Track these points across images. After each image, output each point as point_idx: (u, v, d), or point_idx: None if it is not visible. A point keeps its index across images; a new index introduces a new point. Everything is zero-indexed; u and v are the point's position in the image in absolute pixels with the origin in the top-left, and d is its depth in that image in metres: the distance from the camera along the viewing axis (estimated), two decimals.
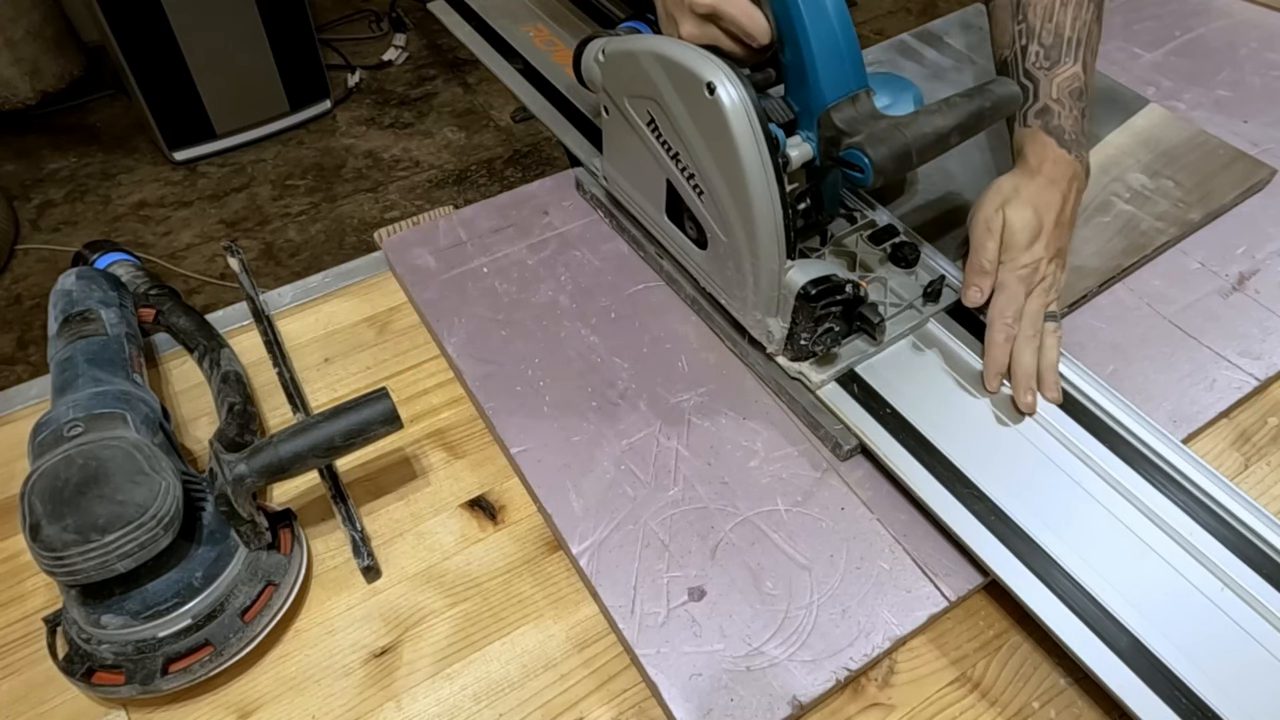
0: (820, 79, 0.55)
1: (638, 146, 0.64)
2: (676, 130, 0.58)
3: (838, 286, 0.58)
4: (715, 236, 0.60)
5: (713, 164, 0.56)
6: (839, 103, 0.56)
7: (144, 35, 1.97)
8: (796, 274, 0.57)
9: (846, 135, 0.55)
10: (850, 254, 0.69)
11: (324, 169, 2.26)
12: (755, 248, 0.57)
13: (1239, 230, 0.76)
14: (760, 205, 0.54)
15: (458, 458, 0.63)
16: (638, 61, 0.59)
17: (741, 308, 0.62)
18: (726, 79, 0.53)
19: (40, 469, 0.49)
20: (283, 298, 0.73)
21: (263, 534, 0.53)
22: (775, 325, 0.60)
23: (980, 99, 0.57)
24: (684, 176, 0.60)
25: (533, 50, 0.90)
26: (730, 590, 0.54)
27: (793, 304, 0.58)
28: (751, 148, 0.53)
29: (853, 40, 0.56)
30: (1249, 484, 0.61)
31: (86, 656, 0.49)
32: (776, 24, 0.56)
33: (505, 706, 0.51)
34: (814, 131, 0.57)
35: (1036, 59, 0.68)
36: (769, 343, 0.62)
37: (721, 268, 0.62)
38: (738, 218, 0.57)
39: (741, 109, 0.53)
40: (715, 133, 0.54)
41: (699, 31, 0.59)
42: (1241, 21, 1.01)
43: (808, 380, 0.61)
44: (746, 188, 0.54)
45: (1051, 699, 0.51)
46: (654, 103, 0.59)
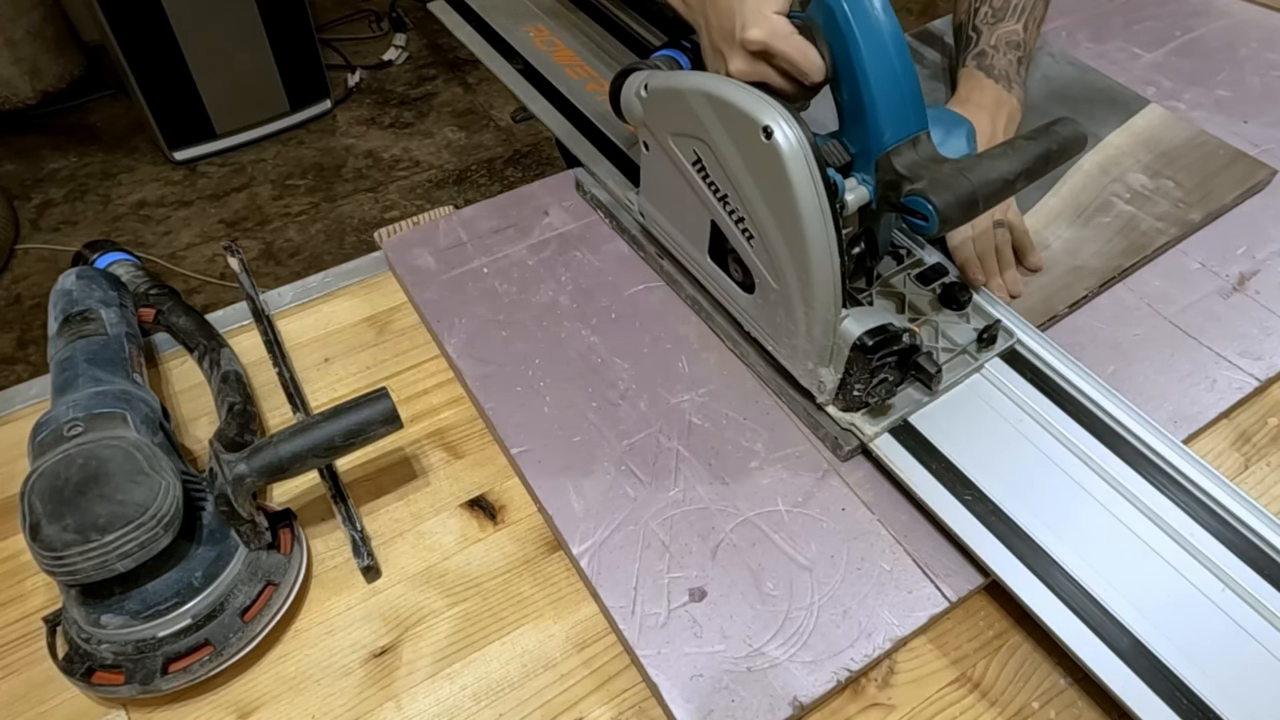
0: (880, 121, 0.53)
1: (680, 185, 0.61)
2: (726, 172, 0.55)
3: (894, 336, 0.55)
4: (765, 283, 0.57)
5: (766, 209, 0.54)
6: (898, 145, 0.53)
7: (144, 35, 1.97)
8: (852, 324, 0.54)
9: (907, 180, 0.53)
10: (899, 295, 0.66)
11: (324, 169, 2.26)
12: (810, 297, 0.54)
13: (1239, 230, 0.76)
14: (817, 254, 0.52)
15: (458, 458, 0.63)
16: (685, 100, 0.56)
17: (790, 356, 0.59)
18: (785, 122, 0.50)
19: (40, 469, 0.49)
20: (283, 298, 0.73)
21: (263, 534, 0.53)
22: (827, 375, 0.57)
23: (1046, 141, 0.54)
24: (732, 220, 0.57)
25: (533, 50, 0.90)
26: (731, 591, 0.54)
27: (847, 354, 0.55)
28: (810, 195, 0.50)
29: (914, 80, 0.53)
30: (1249, 484, 0.61)
31: (86, 656, 0.49)
32: (833, 62, 0.53)
33: (505, 706, 0.51)
34: (871, 174, 0.55)
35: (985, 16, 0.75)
36: (819, 393, 0.59)
37: (770, 314, 0.59)
38: (791, 265, 0.54)
39: (800, 154, 0.50)
40: (770, 178, 0.52)
41: (749, 68, 0.56)
42: (1241, 21, 1.01)
43: (860, 433, 0.58)
44: (804, 236, 0.51)
45: (1051, 699, 0.51)
46: (701, 143, 0.56)
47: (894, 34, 0.52)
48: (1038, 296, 0.69)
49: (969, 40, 0.76)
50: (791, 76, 0.56)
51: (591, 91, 0.85)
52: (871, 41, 0.51)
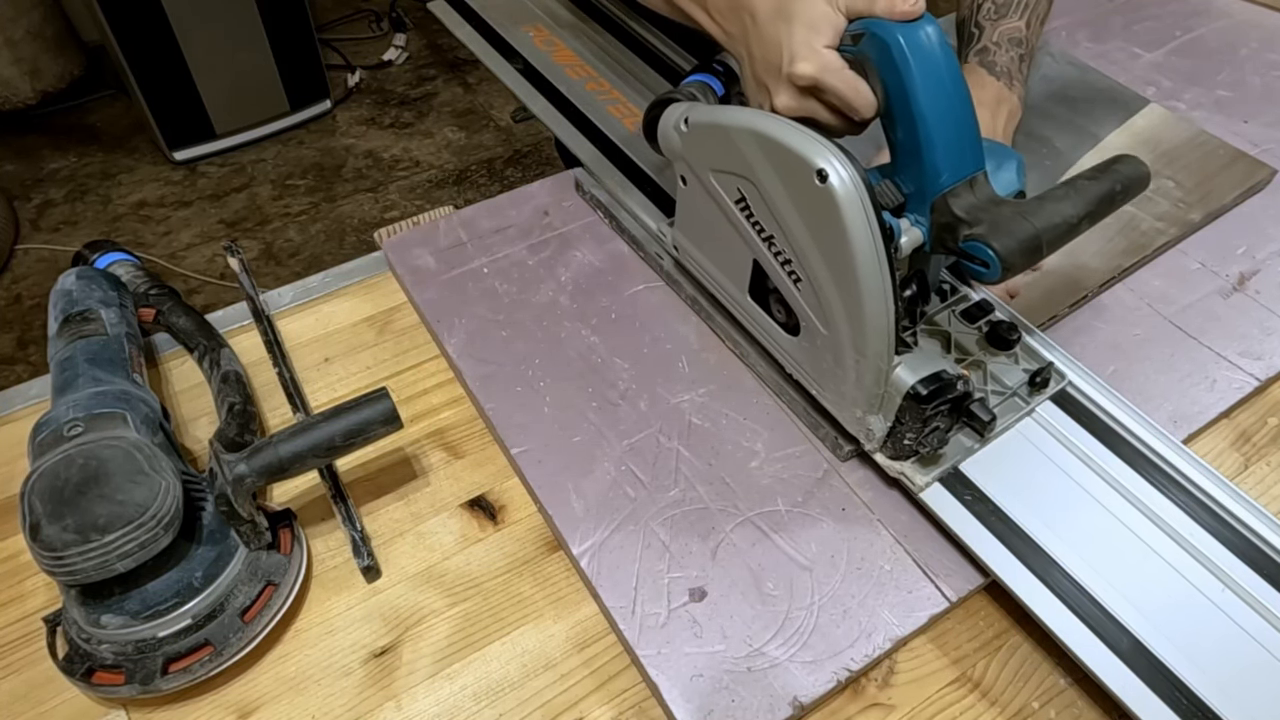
0: (938, 162, 0.51)
1: (720, 222, 0.59)
2: (773, 213, 0.53)
3: (949, 384, 0.52)
4: (811, 327, 0.55)
5: (816, 253, 0.51)
6: (956, 186, 0.51)
7: (144, 35, 1.98)
8: (905, 372, 0.52)
9: (966, 224, 0.50)
10: (944, 334, 0.63)
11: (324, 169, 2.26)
12: (862, 345, 0.52)
13: (1239, 230, 0.76)
14: (872, 302, 0.49)
15: (458, 458, 0.63)
16: (729, 137, 0.54)
17: (837, 402, 0.57)
18: (840, 165, 0.48)
19: (40, 469, 0.49)
20: (283, 298, 0.73)
21: (263, 534, 0.53)
22: (876, 424, 0.55)
23: (1109, 180, 0.52)
24: (778, 261, 0.55)
25: (533, 50, 0.90)
26: (731, 591, 0.54)
27: (899, 403, 0.53)
28: (866, 241, 0.48)
29: (972, 118, 0.51)
30: (1249, 484, 0.61)
31: (86, 656, 0.49)
32: (887, 100, 0.51)
33: (505, 706, 0.51)
34: (926, 216, 0.53)
35: (987, 12, 0.74)
36: (868, 441, 0.56)
37: (816, 359, 0.57)
38: (842, 312, 0.52)
39: (856, 199, 0.48)
40: (823, 222, 0.49)
41: (796, 104, 0.54)
42: (1241, 21, 1.01)
43: (910, 482, 0.56)
44: (858, 283, 0.49)
45: (1051, 699, 0.51)
46: (747, 181, 0.54)
47: (952, 71, 0.50)
48: (1038, 296, 0.69)
49: (971, 36, 0.76)
50: (841, 112, 0.54)
51: (591, 91, 0.85)
52: (929, 79, 0.49)
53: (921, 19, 0.49)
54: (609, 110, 0.82)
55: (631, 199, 0.68)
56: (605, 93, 0.85)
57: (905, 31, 0.49)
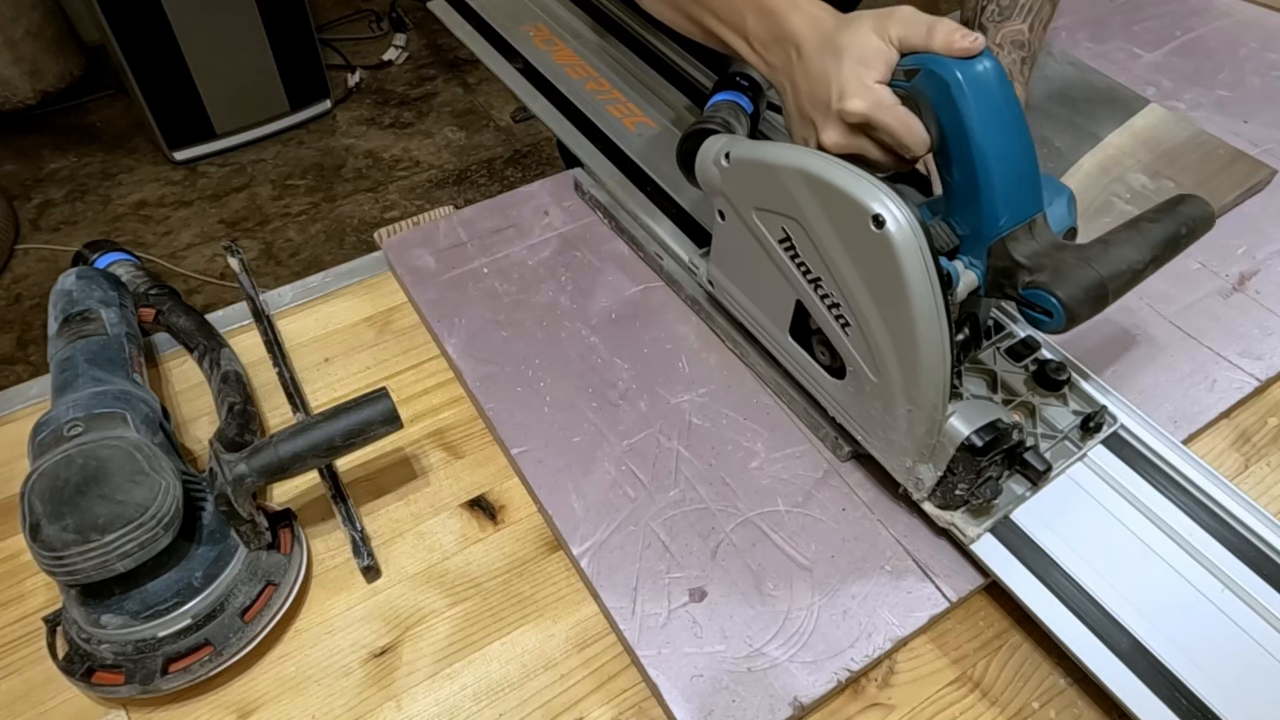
0: (997, 205, 0.48)
1: (761, 260, 0.56)
2: (821, 255, 0.51)
3: (1004, 434, 0.50)
4: (859, 372, 0.53)
5: (868, 299, 0.49)
6: (1014, 230, 0.49)
7: (144, 35, 1.98)
8: (959, 422, 0.50)
9: (1026, 270, 0.48)
10: (989, 372, 0.60)
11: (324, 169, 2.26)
12: (915, 395, 0.50)
13: (1239, 230, 0.76)
14: (928, 352, 0.47)
15: (458, 458, 0.63)
16: (775, 175, 0.51)
17: (885, 450, 0.55)
18: (898, 211, 0.45)
19: (40, 469, 0.49)
20: (283, 298, 0.73)
21: (263, 534, 0.53)
22: (926, 473, 0.53)
23: (1173, 222, 0.50)
24: (824, 304, 0.53)
25: (533, 50, 0.90)
26: (731, 591, 0.54)
27: (952, 453, 0.51)
28: (924, 289, 0.46)
29: (1032, 158, 0.49)
30: (1249, 484, 0.61)
31: (86, 656, 0.49)
32: (943, 138, 0.49)
33: (505, 706, 0.51)
34: (982, 259, 0.50)
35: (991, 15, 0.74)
36: (916, 490, 0.54)
37: (863, 405, 0.54)
38: (895, 360, 0.49)
39: (914, 245, 0.45)
40: (878, 268, 0.47)
41: (845, 140, 0.52)
42: (1241, 21, 1.01)
43: (961, 534, 0.54)
44: (914, 332, 0.47)
45: (1051, 699, 0.51)
46: (793, 221, 0.52)
47: (1013, 109, 0.48)
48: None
49: None
50: (891, 150, 0.52)
51: (591, 91, 0.85)
52: (989, 119, 0.47)
53: (980, 54, 0.47)
54: (609, 110, 0.82)
55: (633, 200, 0.67)
56: (605, 92, 0.85)
57: (964, 68, 0.47)
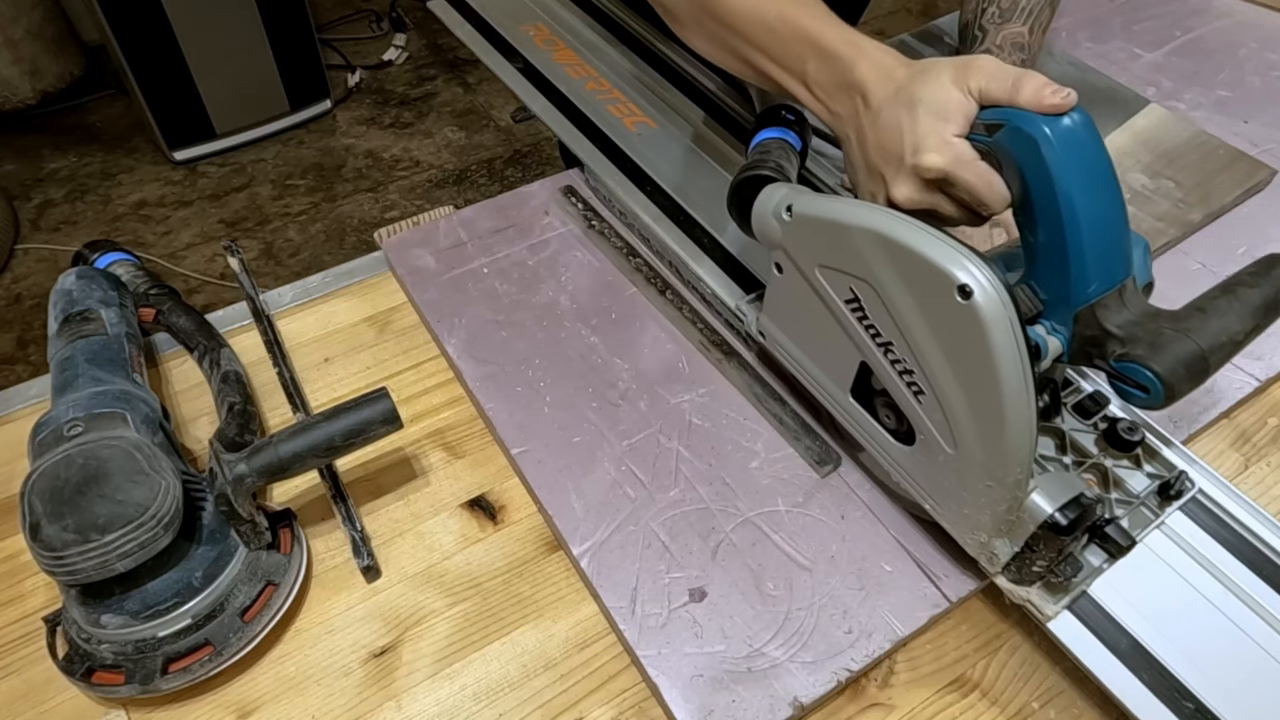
0: (1087, 271, 0.45)
1: (822, 319, 0.53)
2: (895, 320, 0.48)
3: (1089, 509, 0.47)
4: (931, 442, 0.50)
5: (947, 369, 0.46)
6: (1105, 297, 0.46)
7: (144, 35, 1.97)
8: (1041, 499, 0.47)
9: (1118, 341, 0.45)
10: (1058, 432, 0.57)
11: (324, 169, 2.26)
12: (998, 471, 0.46)
13: (1239, 231, 0.76)
14: (1015, 429, 0.44)
15: (458, 458, 0.63)
16: (846, 235, 0.48)
17: (956, 521, 0.52)
18: (986, 281, 0.42)
19: (40, 469, 0.49)
20: (283, 298, 0.73)
21: (263, 534, 0.53)
22: (1002, 548, 0.50)
23: (1271, 286, 0.47)
24: (894, 370, 0.49)
25: (533, 49, 0.90)
26: (731, 591, 0.54)
27: (1033, 530, 0.48)
28: (1013, 364, 0.43)
29: (1124, 220, 0.46)
30: (1249, 484, 0.61)
31: (86, 656, 0.49)
32: (1028, 198, 0.46)
33: (505, 706, 0.51)
34: (1066, 325, 0.47)
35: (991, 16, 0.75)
36: (990, 564, 0.51)
37: (934, 475, 0.51)
38: (976, 435, 0.46)
39: (1004, 319, 0.42)
40: (961, 340, 0.44)
41: (919, 196, 0.50)
42: (1241, 21, 1.01)
43: (1038, 612, 0.51)
44: (1001, 409, 0.44)
45: (1051, 699, 0.51)
46: (863, 283, 0.49)
47: (1105, 169, 0.45)
48: None
49: (974, 39, 0.77)
50: (966, 206, 0.49)
51: (591, 91, 0.85)
52: (1082, 180, 0.44)
53: (1072, 110, 0.44)
54: (609, 110, 0.82)
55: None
56: (605, 92, 0.85)
57: (1054, 126, 0.44)
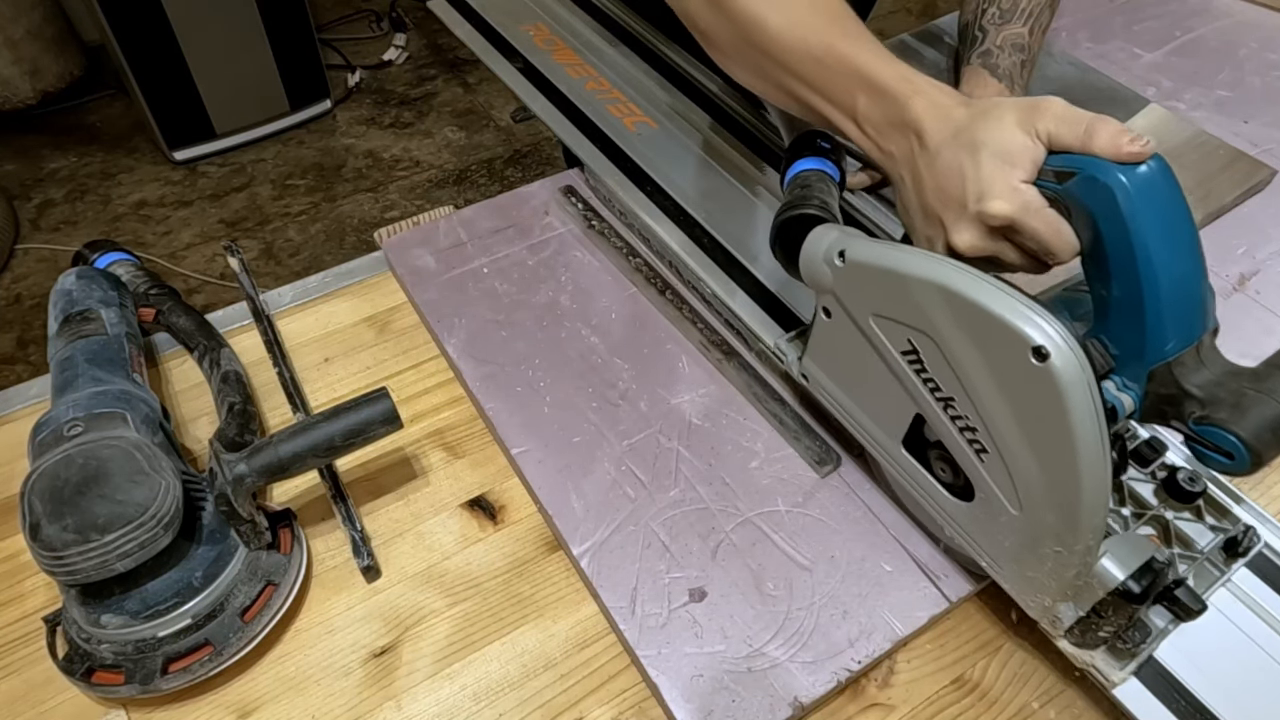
0: (1165, 328, 0.43)
1: (874, 368, 0.51)
2: (958, 376, 0.45)
3: (1160, 574, 0.45)
4: (993, 501, 0.47)
5: (1016, 430, 0.43)
6: (1183, 354, 0.44)
7: (144, 35, 1.97)
8: (1112, 564, 0.45)
9: (1197, 402, 0.43)
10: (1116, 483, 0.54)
11: (324, 169, 2.26)
12: (1068, 538, 0.44)
13: (1239, 230, 0.76)
14: (1090, 496, 0.42)
15: (458, 458, 0.63)
16: (907, 286, 0.46)
17: (1017, 583, 0.49)
18: (1063, 342, 0.40)
19: (40, 469, 0.49)
20: (283, 298, 0.73)
21: (263, 534, 0.53)
22: (1066, 611, 0.48)
23: None
24: (954, 425, 0.47)
25: (533, 49, 0.90)
26: (731, 591, 0.53)
27: (1101, 596, 0.46)
28: (1090, 429, 0.40)
29: (1203, 273, 0.43)
30: (1249, 484, 0.61)
31: (86, 656, 0.49)
32: (1100, 250, 0.44)
33: (505, 706, 0.51)
34: (1139, 382, 0.45)
35: (992, 17, 0.75)
36: (1052, 627, 0.49)
37: (993, 534, 0.49)
38: (1046, 499, 0.44)
39: (1081, 383, 0.40)
40: (1034, 402, 0.42)
41: (982, 244, 0.47)
42: (1241, 21, 1.01)
43: (1103, 677, 0.48)
44: (1076, 475, 0.42)
45: (1051, 699, 0.51)
46: (923, 335, 0.46)
47: (1185, 221, 0.42)
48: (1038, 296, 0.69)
49: (974, 39, 0.77)
50: (1032, 254, 0.47)
51: (591, 91, 0.85)
52: (1162, 234, 0.42)
53: (1150, 159, 0.42)
54: (609, 110, 0.82)
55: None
56: (605, 92, 0.85)
57: (1132, 176, 0.42)
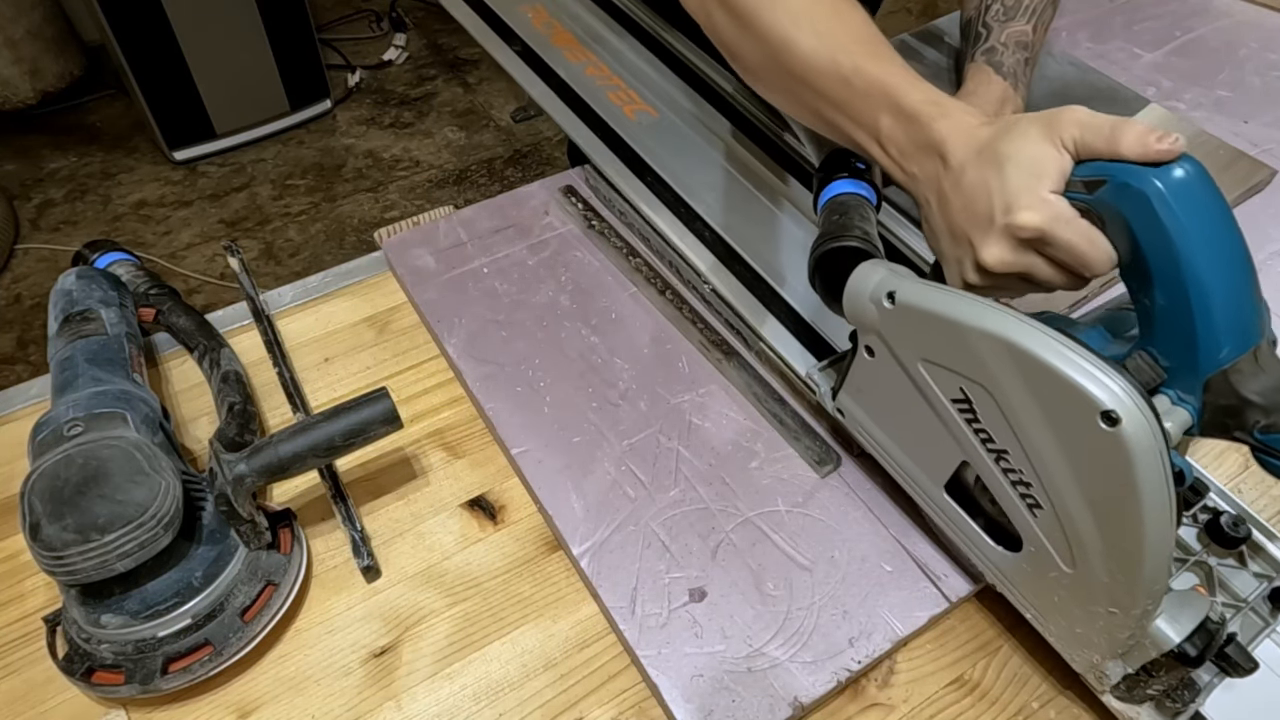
0: (1218, 334, 0.41)
1: (920, 412, 0.49)
2: (1015, 431, 0.43)
3: (1216, 634, 0.44)
4: (1044, 556, 0.46)
5: (1075, 490, 0.42)
6: (1239, 360, 0.41)
7: (144, 35, 1.98)
8: (1166, 625, 0.44)
9: (1260, 410, 0.41)
10: None
11: (324, 169, 2.26)
12: (1124, 600, 0.43)
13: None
14: (1153, 563, 0.40)
15: (458, 458, 0.63)
16: (963, 336, 0.44)
17: (1061, 636, 0.48)
18: (1134, 405, 0.38)
19: (40, 469, 0.49)
20: (283, 298, 0.73)
21: (262, 534, 0.53)
22: (1115, 669, 0.46)
23: None
24: (1006, 479, 0.45)
25: (531, 32, 0.89)
26: (731, 591, 0.53)
27: (1153, 655, 0.45)
28: (1159, 497, 0.39)
29: (1253, 276, 0.41)
30: (1249, 484, 0.61)
31: (86, 656, 0.49)
32: (1140, 259, 0.42)
33: (505, 706, 0.51)
34: (1195, 394, 0.43)
35: (995, 14, 0.75)
36: (1098, 683, 0.48)
37: (1041, 589, 0.47)
38: (1104, 561, 0.42)
39: (1154, 451, 0.38)
40: (1100, 466, 0.40)
41: (1013, 259, 0.45)
42: (1241, 21, 1.01)
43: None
44: (1140, 542, 0.40)
45: (1051, 699, 0.51)
46: (979, 387, 0.44)
47: (1227, 220, 0.41)
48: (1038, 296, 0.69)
49: (978, 36, 0.77)
50: (1067, 268, 0.45)
51: (591, 76, 0.84)
52: (1203, 234, 0.40)
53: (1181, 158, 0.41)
54: (609, 97, 0.82)
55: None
56: (605, 78, 0.84)
57: (1166, 178, 0.41)
